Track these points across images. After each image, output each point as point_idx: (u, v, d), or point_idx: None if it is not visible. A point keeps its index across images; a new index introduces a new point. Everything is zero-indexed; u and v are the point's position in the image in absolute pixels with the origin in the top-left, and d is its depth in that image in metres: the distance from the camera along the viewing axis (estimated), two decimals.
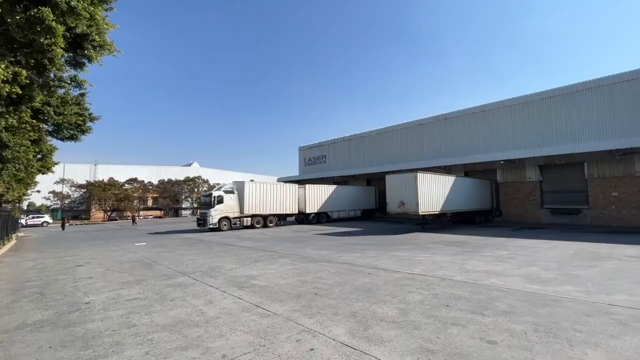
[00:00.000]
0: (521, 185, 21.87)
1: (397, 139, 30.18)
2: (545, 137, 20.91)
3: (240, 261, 9.25)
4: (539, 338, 3.66)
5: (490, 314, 4.48)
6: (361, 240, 13.56)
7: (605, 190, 18.39)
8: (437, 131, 27.05)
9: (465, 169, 24.25)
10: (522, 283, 6.12)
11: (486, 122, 24.06)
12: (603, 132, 18.73)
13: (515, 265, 7.77)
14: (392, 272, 7.27)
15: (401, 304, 4.97)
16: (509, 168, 22.31)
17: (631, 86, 18.05)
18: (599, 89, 19.11)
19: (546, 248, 10.42)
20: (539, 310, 4.56)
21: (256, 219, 21.27)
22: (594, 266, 7.55)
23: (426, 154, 27.24)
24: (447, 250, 10.51)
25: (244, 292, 5.96)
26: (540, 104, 21.42)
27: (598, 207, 18.62)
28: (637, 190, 17.43)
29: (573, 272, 6.93)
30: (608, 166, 18.34)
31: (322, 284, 6.39)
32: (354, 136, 34.69)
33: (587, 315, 4.36)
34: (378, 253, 10.10)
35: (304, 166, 40.63)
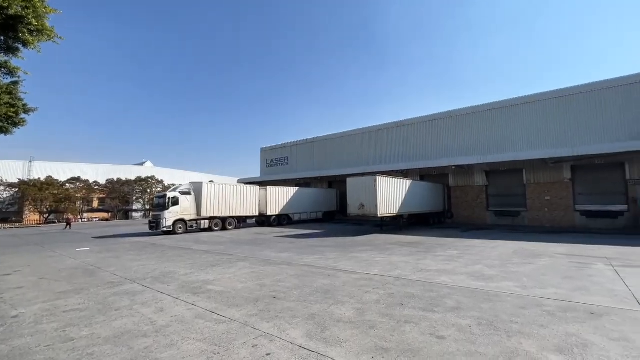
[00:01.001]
0: (470, 189, 23.55)
1: (359, 142, 30.97)
2: (491, 146, 22.77)
3: (196, 266, 8.85)
4: (481, 331, 3.95)
5: (440, 310, 4.75)
6: (322, 242, 13.66)
7: (540, 195, 20.48)
8: (396, 137, 28.24)
9: (421, 173, 25.56)
10: (469, 280, 6.57)
11: (440, 129, 25.61)
12: (538, 142, 20.87)
13: (463, 264, 8.32)
14: (351, 274, 7.41)
15: (359, 304, 5.08)
16: (460, 173, 23.92)
17: (561, 102, 20.37)
18: (535, 103, 21.29)
19: (490, 247, 11.31)
20: (482, 305, 4.93)
21: (214, 222, 20.51)
22: (530, 263, 8.34)
23: (385, 158, 28.27)
24: (403, 250, 10.97)
25: (198, 298, 5.70)
26: (487, 115, 23.32)
27: (534, 209, 20.66)
28: (565, 195, 19.64)
29: (512, 269, 7.60)
30: (542, 173, 20.44)
31: (281, 287, 6.32)
32: (316, 139, 34.97)
33: (522, 308, 4.81)
34: (338, 255, 10.24)
35: (265, 167, 40.07)
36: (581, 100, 19.78)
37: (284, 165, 37.77)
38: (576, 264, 8.07)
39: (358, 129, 31.48)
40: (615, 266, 7.71)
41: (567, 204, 19.56)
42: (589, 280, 6.44)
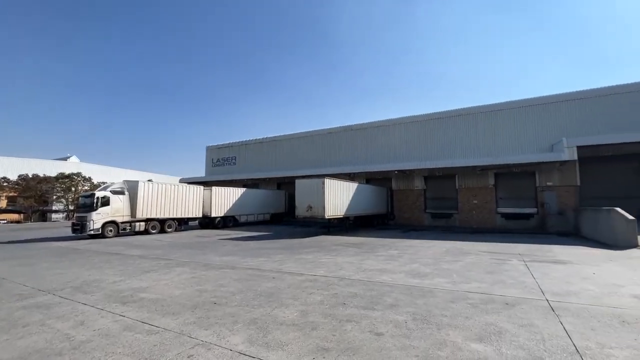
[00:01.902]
0: (410, 193, 25.19)
1: (308, 145, 31.23)
2: (430, 153, 24.67)
3: (127, 272, 8.07)
4: (416, 325, 4.23)
5: (379, 308, 4.98)
6: (268, 244, 13.45)
7: (469, 199, 22.72)
8: (344, 141, 29.08)
9: (367, 177, 26.66)
10: (407, 278, 7.00)
11: (384, 135, 27.01)
12: (470, 151, 23.18)
13: (402, 263, 8.85)
14: (296, 275, 7.41)
15: (302, 306, 5.09)
16: (402, 177, 25.47)
17: (488, 117, 22.93)
18: (467, 116, 23.64)
19: (426, 247, 12.21)
20: (417, 301, 5.29)
21: (152, 224, 18.96)
22: (459, 261, 9.18)
23: (334, 161, 28.91)
24: (349, 251, 11.30)
25: (128, 308, 5.20)
26: (427, 124, 25.23)
27: (464, 211, 22.84)
28: (489, 199, 22.07)
29: (444, 267, 8.29)
30: (471, 179, 22.72)
31: (223, 292, 6.06)
32: (266, 139, 34.43)
33: (451, 302, 5.26)
34: (284, 257, 10.17)
35: (211, 167, 38.26)
36: (505, 115, 22.48)
37: (231, 165, 36.48)
38: (496, 260, 9.10)
39: (308, 132, 31.75)
40: (526, 261, 8.86)
41: (491, 207, 22.01)
42: (505, 274, 7.30)
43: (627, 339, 3.74)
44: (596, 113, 20.03)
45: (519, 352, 3.43)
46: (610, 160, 19.69)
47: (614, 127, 19.16)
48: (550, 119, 21.07)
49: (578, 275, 7.08)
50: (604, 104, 19.98)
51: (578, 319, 4.40)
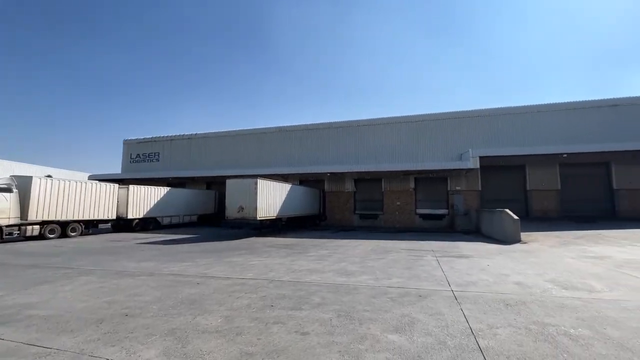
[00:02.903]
0: (341, 194, 26.27)
1: (241, 143, 30.26)
2: (360, 157, 26.08)
3: (11, 286, 6.73)
4: (340, 322, 4.41)
5: (307, 307, 5.07)
6: (194, 248, 12.62)
7: (393, 200, 24.68)
8: (279, 141, 28.94)
9: (301, 178, 26.96)
10: (335, 277, 7.27)
11: (318, 138, 27.70)
12: (396, 156, 25.18)
13: (331, 262, 9.16)
14: (223, 280, 7.09)
15: (228, 311, 4.90)
16: (334, 179, 26.41)
17: (411, 126, 25.24)
18: (394, 125, 25.68)
19: (354, 246, 12.86)
20: (343, 299, 5.53)
21: (49, 227, 16.15)
22: (383, 258, 9.88)
23: (267, 162, 28.55)
24: (280, 252, 11.26)
25: (10, 328, 4.33)
26: (358, 130, 26.63)
27: (388, 212, 24.71)
28: (410, 201, 24.29)
29: (369, 264, 8.83)
30: (395, 182, 24.72)
31: (137, 302, 5.48)
32: (195, 135, 32.29)
33: (373, 297, 5.63)
34: (211, 260, 9.65)
35: (129, 163, 34.33)
36: (425, 126, 25.02)
37: (154, 161, 33.28)
38: (413, 257, 10.04)
39: (241, 130, 30.76)
40: (437, 257, 9.98)
41: (411, 208, 24.24)
42: (420, 269, 8.10)
43: (509, 319, 4.47)
44: (495, 129, 23.63)
45: (428, 339, 3.83)
46: (504, 169, 23.39)
47: (507, 142, 22.85)
48: (460, 132, 24.14)
49: (477, 267, 8.23)
50: (500, 122, 23.68)
51: (475, 305, 5.11)
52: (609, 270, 7.77)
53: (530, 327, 4.17)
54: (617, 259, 9.15)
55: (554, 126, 22.58)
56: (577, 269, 7.90)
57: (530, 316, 4.60)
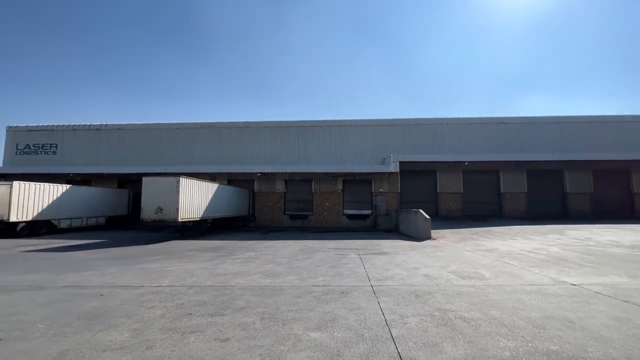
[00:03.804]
0: (272, 195, 26.02)
1: (162, 138, 27.70)
2: (292, 158, 26.19)
3: None
4: (263, 325, 4.35)
5: (229, 312, 4.86)
6: (100, 254, 11.06)
7: (323, 201, 25.42)
8: (207, 138, 27.30)
9: (229, 178, 25.88)
10: (261, 279, 7.14)
11: (250, 137, 26.98)
12: (324, 158, 25.95)
13: (258, 264, 8.98)
14: (134, 289, 6.36)
15: (138, 324, 4.40)
16: (264, 180, 26.01)
17: (340, 130, 26.33)
18: (324, 128, 26.47)
19: (283, 247, 12.84)
20: (267, 301, 5.46)
21: None
22: (310, 258, 10.07)
23: (193, 159, 26.70)
24: (203, 256, 10.60)
25: None
26: (289, 131, 26.74)
27: (318, 213, 25.36)
28: (338, 202, 25.32)
29: (296, 265, 8.91)
30: (325, 184, 25.51)
31: (17, 322, 4.55)
32: (105, 126, 28.40)
33: (298, 297, 5.69)
34: (121, 268, 8.58)
35: (15, 155, 28.48)
36: (353, 131, 26.36)
37: (50, 154, 28.24)
38: (339, 255, 10.47)
39: (163, 124, 28.15)
40: (360, 254, 10.59)
41: (339, 209, 25.30)
42: (344, 267, 8.49)
43: (418, 308, 4.99)
44: (413, 137, 26.15)
45: (347, 333, 4.03)
46: (420, 174, 26.04)
47: (423, 149, 25.50)
48: (384, 138, 26.10)
49: (394, 263, 8.98)
50: (418, 131, 26.30)
51: (390, 298, 5.56)
52: (495, 260, 9.25)
53: (434, 314, 4.71)
54: (501, 251, 10.97)
55: (459, 137, 26.04)
56: (472, 261, 9.22)
57: (434, 304, 5.19)
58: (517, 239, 13.98)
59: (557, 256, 9.72)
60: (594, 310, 4.83)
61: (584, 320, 4.42)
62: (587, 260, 9.03)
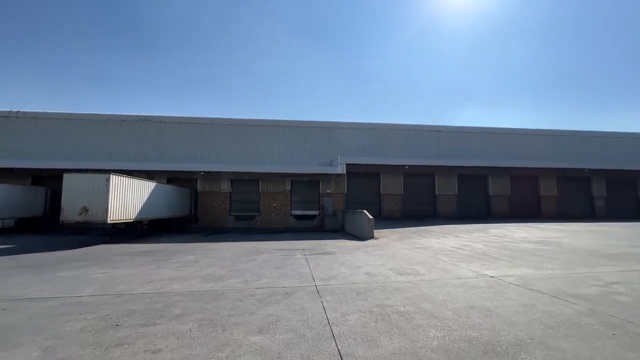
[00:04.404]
0: (217, 195, 24.91)
1: (92, 131, 24.80)
2: (239, 157, 25.37)
3: None
4: (201, 332, 4.12)
5: (163, 321, 4.52)
6: (5, 263, 9.47)
7: (270, 202, 25.08)
8: (142, 132, 25.14)
9: (170, 176, 24.16)
10: (201, 284, 6.78)
11: (194, 133, 25.50)
12: (273, 158, 25.64)
13: (199, 268, 8.51)
14: (48, 300, 5.57)
15: (50, 341, 3.86)
16: (209, 179, 24.80)
17: (287, 130, 26.26)
18: (274, 127, 26.16)
19: (226, 249, 12.37)
20: (207, 306, 5.20)
21: None
22: (254, 259, 9.85)
23: (126, 155, 24.36)
24: (136, 261, 9.71)
25: None
26: (238, 129, 25.89)
27: (265, 214, 24.95)
28: (286, 202, 25.20)
29: (240, 267, 8.64)
30: (273, 184, 25.20)
31: None
32: (16, 113, 24.49)
33: (240, 300, 5.52)
34: (31, 278, 7.46)
35: None
36: (301, 132, 26.46)
37: None
38: (285, 256, 10.42)
39: (88, 114, 25.20)
40: (306, 255, 10.66)
41: (286, 210, 25.19)
42: (290, 268, 8.47)
43: (358, 305, 5.17)
44: (360, 140, 27.15)
45: (289, 335, 4.01)
46: (365, 176, 27.13)
47: (368, 152, 26.62)
48: (332, 140, 26.68)
49: (338, 262, 9.21)
50: (364, 135, 27.37)
51: (333, 297, 5.68)
52: (429, 257, 10.03)
53: (373, 310, 4.94)
54: (435, 248, 11.93)
55: (401, 142, 27.75)
56: (410, 258, 9.87)
57: (374, 301, 5.44)
58: (448, 237, 15.33)
59: (480, 252, 10.89)
60: (507, 299, 5.51)
61: (499, 308, 5.00)
62: (503, 254, 10.26)
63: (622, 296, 5.58)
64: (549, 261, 9.00)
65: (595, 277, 6.98)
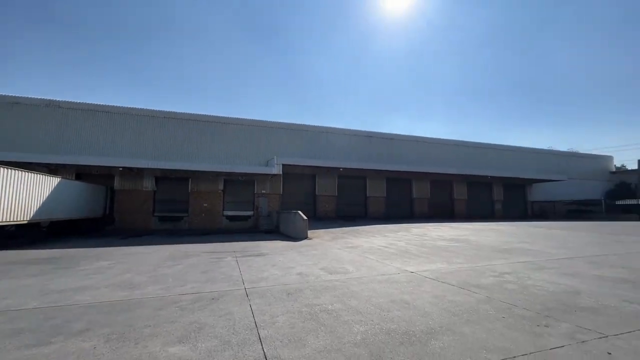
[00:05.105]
0: (138, 194, 22.54)
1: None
2: (165, 152, 23.35)
3: None
4: (109, 347, 3.67)
5: (60, 339, 3.90)
6: None
7: (200, 202, 23.63)
8: (43, 120, 21.48)
9: (78, 172, 21.09)
10: (112, 293, 6.04)
11: (110, 124, 22.69)
12: (206, 156, 24.22)
13: (111, 276, 7.57)
14: None
15: None
16: (128, 176, 22.31)
17: (221, 127, 25.13)
18: (206, 123, 24.74)
19: (148, 253, 11.26)
20: (118, 318, 4.65)
21: None
22: (179, 264, 9.15)
23: (20, 145, 20.54)
24: (30, 270, 8.23)
25: None
26: (163, 122, 23.82)
27: (194, 214, 23.42)
28: (218, 202, 24.03)
29: (163, 272, 7.94)
30: (204, 183, 23.81)
31: None
32: None
33: (159, 309, 5.07)
34: None
35: None
36: (235, 129, 25.55)
37: None
38: (214, 259, 9.91)
39: None
40: (237, 257, 10.30)
41: (219, 210, 24.03)
42: (219, 271, 8.08)
43: (288, 306, 5.18)
44: (297, 141, 27.29)
45: (212, 342, 3.82)
46: (302, 177, 27.37)
47: (306, 154, 26.92)
48: (270, 140, 26.35)
49: (270, 264, 9.10)
50: (302, 136, 27.60)
51: (262, 299, 5.59)
52: (358, 255, 10.55)
53: (302, 310, 4.99)
54: (364, 247, 12.60)
55: (337, 145, 28.73)
56: (340, 257, 10.25)
57: (303, 300, 5.51)
58: (376, 237, 16.34)
59: (403, 249, 11.85)
60: (422, 292, 6.09)
61: (416, 300, 5.50)
62: (422, 251, 11.33)
63: (511, 284, 6.61)
64: (458, 256, 10.23)
65: (492, 269, 8.15)
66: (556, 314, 4.80)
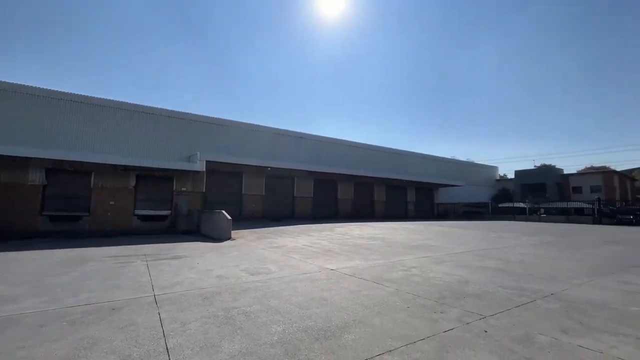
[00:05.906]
0: (21, 188, 18.65)
1: None
2: (61, 140, 19.85)
3: None
4: None
5: None
6: None
7: (106, 199, 20.69)
8: None
9: None
10: None
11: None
12: (113, 147, 21.35)
13: None
14: None
15: None
16: (8, 167, 18.30)
17: (134, 115, 22.51)
18: (109, 109, 21.83)
19: (29, 260, 9.39)
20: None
21: None
22: (74, 271, 7.87)
23: None
24: None
25: None
26: (61, 104, 20.23)
27: (97, 214, 20.40)
28: (128, 200, 21.39)
29: (49, 282, 6.71)
30: (111, 178, 20.93)
31: None
32: None
33: (42, 326, 4.27)
34: None
35: None
36: (151, 120, 23.18)
37: None
38: (120, 264, 8.79)
39: None
40: (148, 261, 9.33)
41: (129, 209, 21.39)
42: (124, 277, 7.19)
43: (203, 311, 4.88)
44: (223, 137, 26.02)
45: (109, 358, 3.37)
46: (227, 175, 26.16)
47: (232, 150, 25.83)
48: (190, 134, 24.59)
49: (187, 267, 8.48)
50: (228, 132, 26.38)
51: (174, 306, 5.16)
52: (282, 255, 10.56)
53: (218, 314, 4.76)
54: (288, 247, 12.67)
55: (266, 144, 28.32)
56: (264, 257, 10.11)
57: (221, 304, 5.26)
58: (301, 236, 16.60)
59: (326, 248, 12.28)
60: (340, 288, 6.39)
61: (334, 297, 5.75)
62: (344, 250, 11.92)
63: (416, 277, 7.41)
64: (374, 253, 11.04)
65: (402, 264, 9.01)
66: (450, 301, 5.54)
